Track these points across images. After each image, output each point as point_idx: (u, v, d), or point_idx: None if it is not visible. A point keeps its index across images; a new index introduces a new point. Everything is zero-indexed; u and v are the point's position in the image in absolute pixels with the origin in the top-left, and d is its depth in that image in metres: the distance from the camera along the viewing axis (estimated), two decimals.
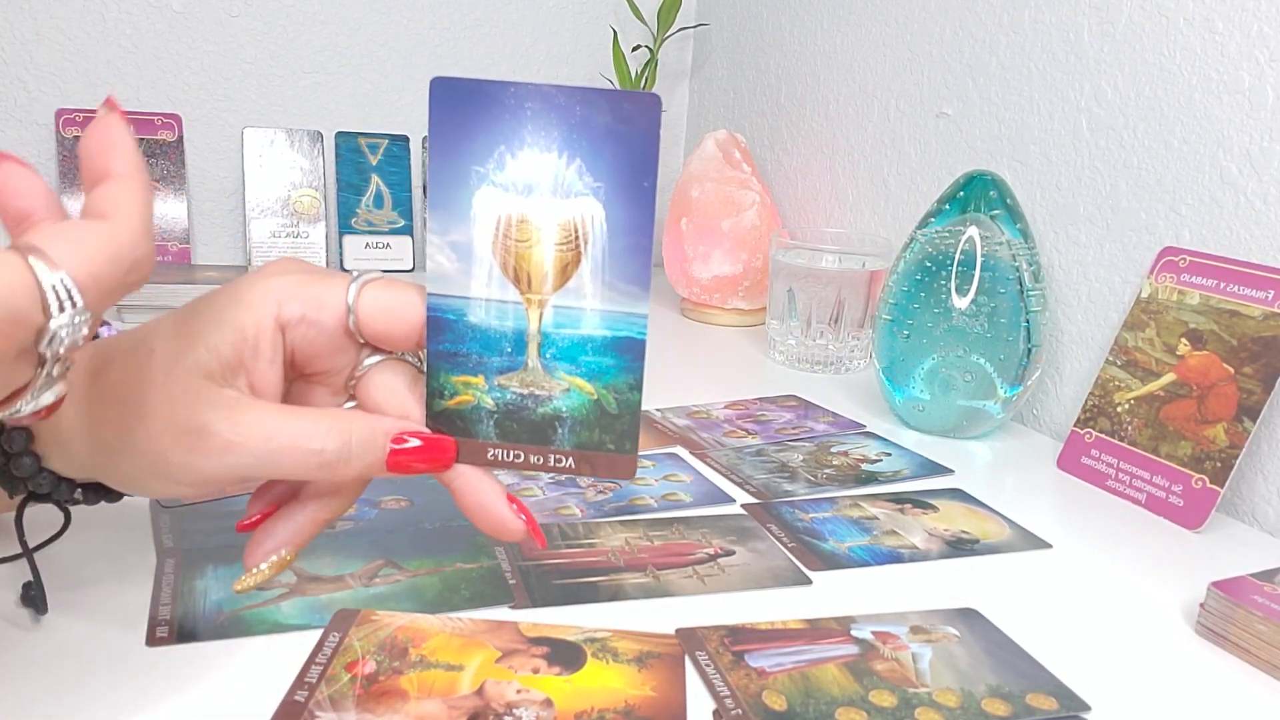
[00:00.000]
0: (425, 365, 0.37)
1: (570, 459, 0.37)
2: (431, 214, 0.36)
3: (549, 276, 0.36)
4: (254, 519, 0.38)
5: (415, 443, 0.36)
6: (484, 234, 0.35)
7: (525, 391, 0.37)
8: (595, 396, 0.37)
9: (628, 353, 0.36)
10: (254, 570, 0.37)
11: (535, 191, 0.35)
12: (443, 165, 0.35)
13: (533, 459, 0.37)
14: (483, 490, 0.37)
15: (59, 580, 0.42)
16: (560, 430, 0.37)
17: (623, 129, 0.34)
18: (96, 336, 0.41)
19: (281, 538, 0.37)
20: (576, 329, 0.36)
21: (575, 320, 0.36)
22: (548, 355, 0.36)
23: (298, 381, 0.39)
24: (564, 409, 0.37)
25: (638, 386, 0.36)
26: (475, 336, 0.36)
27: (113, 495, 0.39)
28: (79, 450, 0.36)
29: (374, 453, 0.35)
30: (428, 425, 0.37)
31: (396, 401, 0.37)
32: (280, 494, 0.39)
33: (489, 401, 0.37)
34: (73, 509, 0.40)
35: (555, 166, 0.35)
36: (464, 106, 0.35)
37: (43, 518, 0.41)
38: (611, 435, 0.37)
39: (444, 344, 0.36)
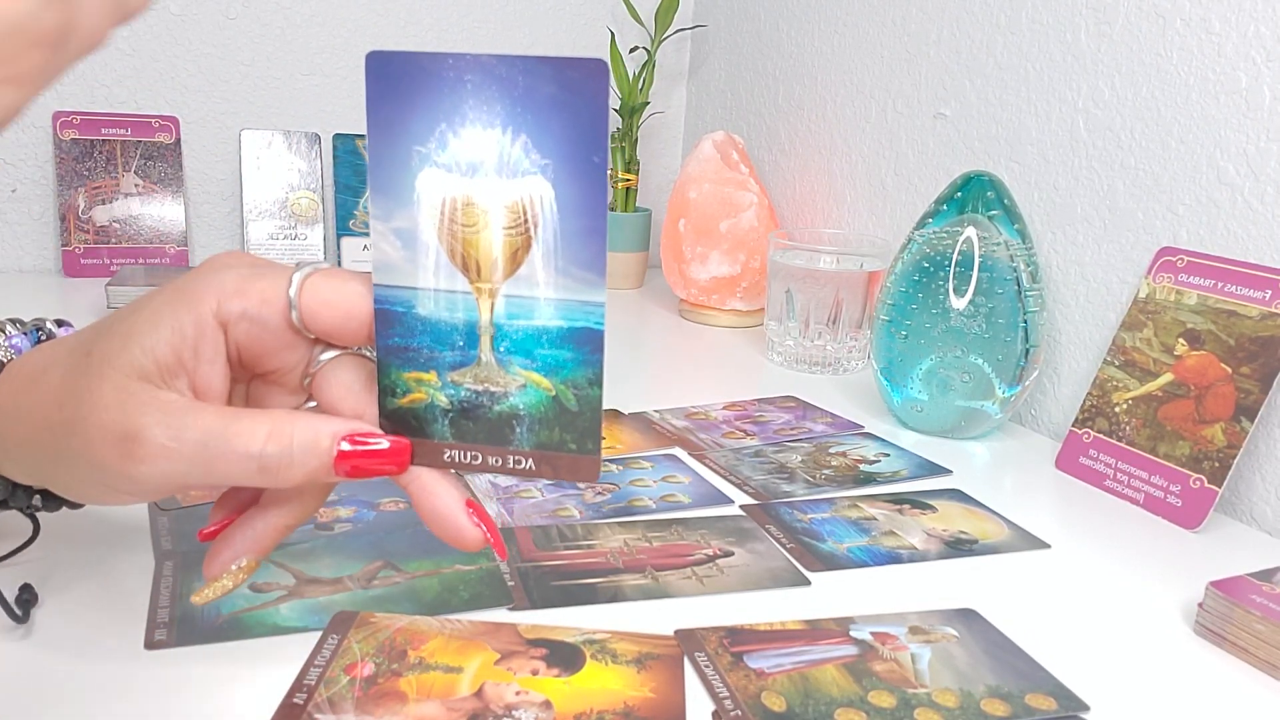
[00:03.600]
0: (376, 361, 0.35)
1: (530, 460, 0.35)
2: (373, 199, 0.33)
3: (498, 263, 0.33)
4: (214, 528, 0.37)
5: (367, 445, 0.34)
6: (429, 219, 0.33)
7: (480, 388, 0.35)
8: (553, 393, 0.34)
9: (585, 345, 0.34)
10: (214, 582, 0.36)
11: (480, 171, 0.33)
12: (382, 146, 0.33)
13: (491, 460, 0.35)
14: (439, 495, 0.35)
15: (57, 583, 0.42)
16: (518, 429, 0.35)
17: (569, 99, 0.32)
18: (52, 336, 0.41)
19: (240, 547, 0.36)
20: (530, 320, 0.34)
21: (528, 310, 0.34)
22: (501, 349, 0.34)
23: (255, 381, 0.37)
24: (521, 406, 0.35)
25: (598, 381, 0.34)
26: (426, 329, 0.34)
27: (72, 503, 0.38)
28: (24, 456, 0.34)
29: (318, 457, 0.33)
30: (381, 425, 0.35)
31: (351, 399, 0.35)
32: (241, 502, 0.37)
33: (443, 399, 0.35)
34: (67, 513, 0.40)
35: (499, 143, 0.32)
36: (402, 82, 0.32)
37: (25, 524, 0.41)
38: (572, 434, 0.35)
39: (394, 338, 0.34)
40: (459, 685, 0.37)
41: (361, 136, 1.11)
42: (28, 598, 0.40)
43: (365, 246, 1.10)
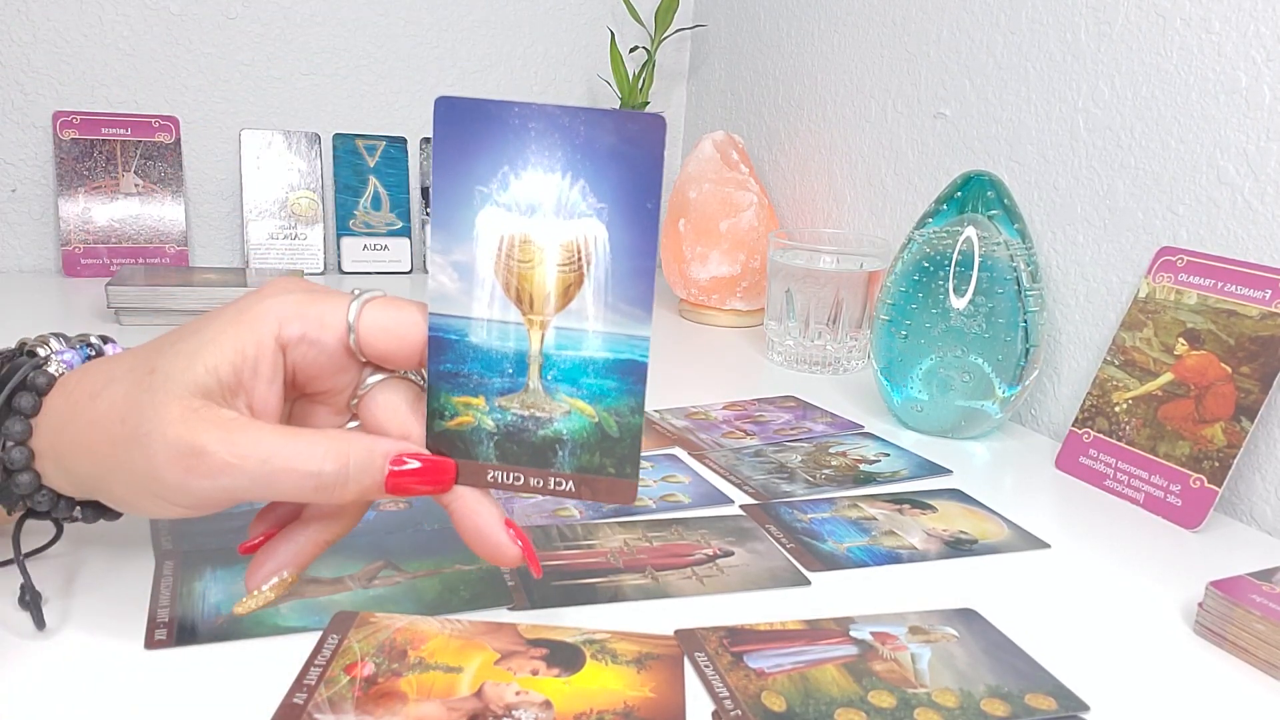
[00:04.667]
0: (426, 385, 0.37)
1: (570, 482, 0.37)
2: (434, 233, 0.36)
3: (551, 297, 0.35)
4: (256, 541, 0.38)
5: (415, 464, 0.36)
6: (486, 254, 0.35)
7: (526, 413, 0.36)
8: (596, 419, 0.36)
9: (629, 375, 0.36)
10: (256, 592, 0.37)
11: (538, 212, 0.35)
12: (446, 184, 0.35)
13: (532, 481, 0.37)
14: (480, 514, 0.37)
15: (57, 583, 0.42)
16: (561, 453, 0.37)
17: (627, 150, 0.34)
18: (101, 353, 0.41)
19: (283, 559, 0.37)
20: (578, 351, 0.36)
21: (577, 342, 0.36)
22: (549, 377, 0.36)
23: (300, 401, 0.39)
24: (564, 431, 0.37)
25: (639, 410, 0.36)
26: (476, 357, 0.36)
27: (112, 514, 0.39)
28: (78, 468, 0.36)
29: (372, 475, 0.35)
30: (428, 446, 0.37)
31: (398, 421, 0.37)
32: (283, 516, 0.39)
33: (489, 423, 0.37)
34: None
35: (558, 187, 0.35)
36: (468, 126, 0.35)
37: (38, 524, 0.41)
38: (612, 459, 0.37)
39: (445, 364, 0.36)
40: (459, 685, 0.37)
41: (361, 136, 1.11)
42: (30, 597, 0.40)
43: (365, 246, 1.10)
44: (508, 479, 0.37)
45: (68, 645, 0.38)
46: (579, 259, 0.35)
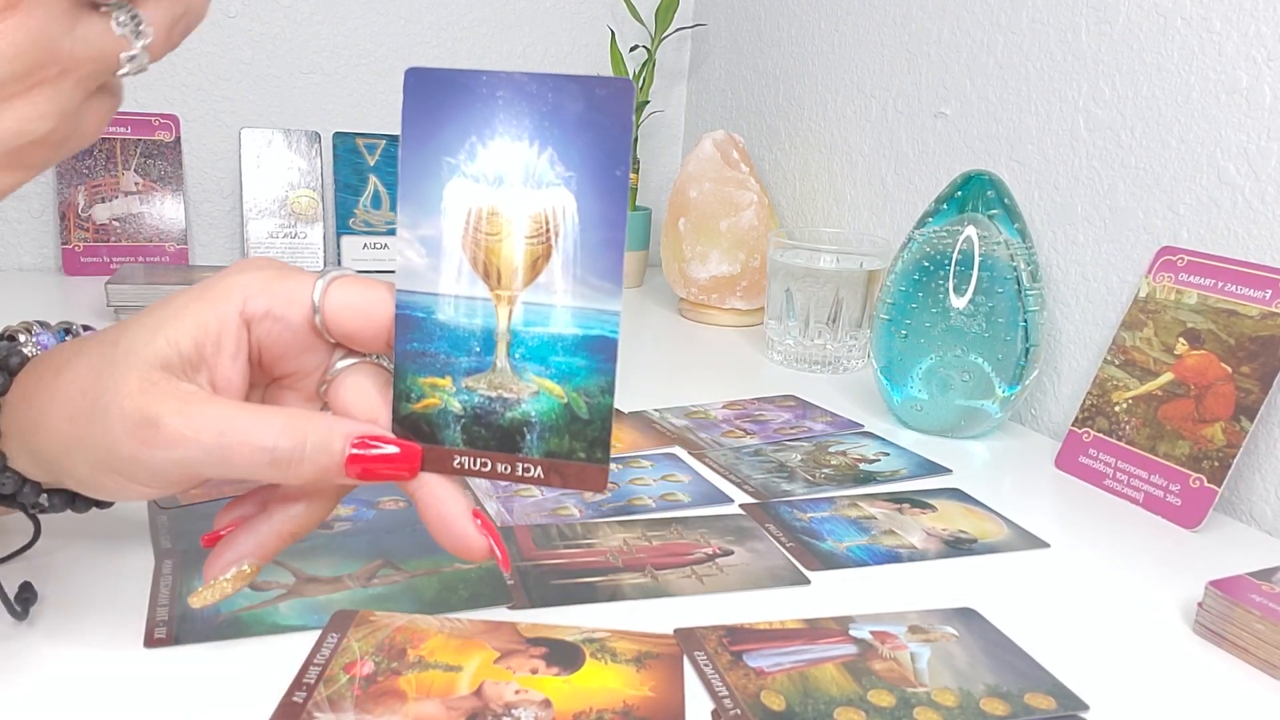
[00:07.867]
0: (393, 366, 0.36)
1: (539, 468, 0.36)
2: (402, 207, 0.35)
3: (519, 271, 0.34)
4: (219, 532, 0.38)
5: (379, 448, 0.35)
6: (454, 227, 0.34)
7: (493, 394, 0.35)
8: (565, 400, 0.35)
9: (599, 353, 0.35)
10: (213, 582, 0.36)
11: (506, 182, 0.34)
12: (414, 157, 0.34)
13: (500, 467, 0.36)
14: (446, 503, 0.36)
15: (56, 582, 0.42)
16: (529, 436, 0.35)
17: (595, 116, 0.33)
18: (76, 335, 0.41)
19: (244, 549, 0.36)
20: (546, 327, 0.35)
21: (545, 318, 0.35)
22: (517, 355, 0.35)
23: (270, 387, 0.38)
24: (533, 413, 0.35)
25: (610, 390, 0.35)
26: (443, 335, 0.35)
27: (80, 504, 0.39)
28: (41, 446, 0.35)
29: (330, 455, 0.34)
30: (394, 430, 0.36)
31: (366, 405, 0.36)
32: (248, 510, 0.38)
33: (456, 405, 0.35)
34: (72, 515, 0.40)
35: (526, 156, 0.34)
36: (437, 96, 0.34)
37: (19, 526, 0.41)
38: (582, 443, 0.35)
39: (412, 343, 0.35)
40: (458, 684, 0.37)
41: (361, 135, 1.11)
42: (28, 596, 0.40)
43: (365, 245, 1.10)
44: (475, 465, 0.36)
45: (67, 644, 0.38)
46: (547, 230, 0.34)
